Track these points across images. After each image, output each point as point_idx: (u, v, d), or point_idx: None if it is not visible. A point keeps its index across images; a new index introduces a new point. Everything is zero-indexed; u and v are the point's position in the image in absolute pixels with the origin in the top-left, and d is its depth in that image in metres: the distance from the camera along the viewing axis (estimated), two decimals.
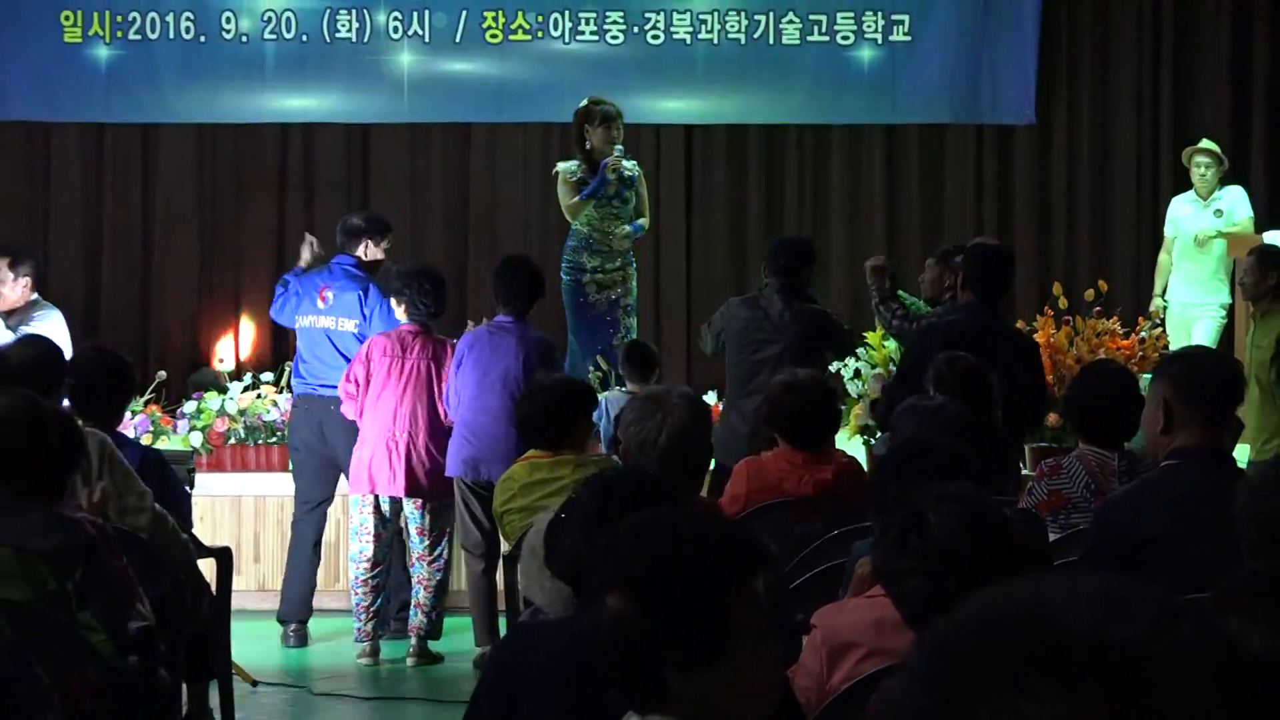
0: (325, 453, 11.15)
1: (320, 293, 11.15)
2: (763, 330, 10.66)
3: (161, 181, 16.38)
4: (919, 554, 4.58)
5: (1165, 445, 6.53)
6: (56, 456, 6.97)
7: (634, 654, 3.63)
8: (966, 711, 1.43)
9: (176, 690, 8.25)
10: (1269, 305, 11.20)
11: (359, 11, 15.81)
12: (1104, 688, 1.41)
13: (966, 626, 1.48)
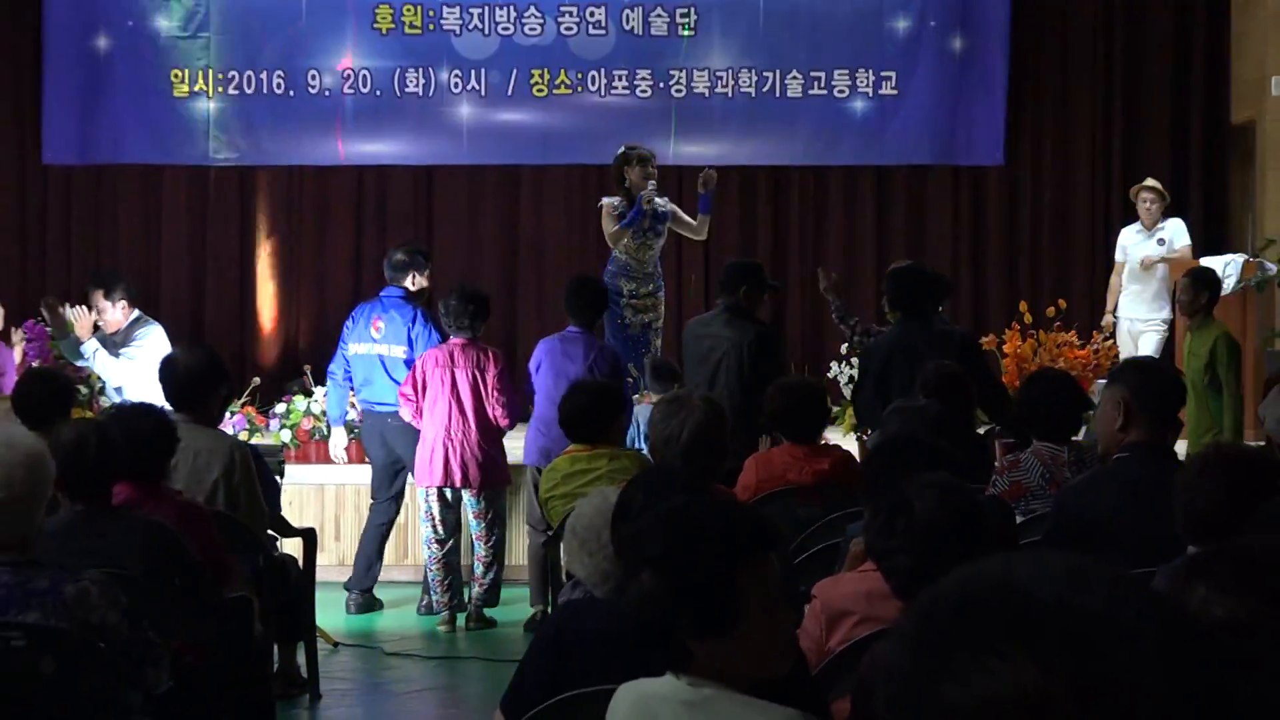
0: (389, 457, 11.16)
1: (374, 323, 11.14)
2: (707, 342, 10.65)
3: (256, 215, 16.38)
4: (905, 534, 4.58)
5: (1119, 440, 6.53)
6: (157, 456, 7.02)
7: (657, 624, 3.66)
8: (947, 669, 1.42)
9: (269, 650, 8.26)
10: (1202, 320, 11.25)
11: (425, 70, 15.86)
12: (1066, 649, 1.40)
13: (947, 597, 1.48)
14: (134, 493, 6.85)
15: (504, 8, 15.85)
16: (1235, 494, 4.69)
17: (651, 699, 3.73)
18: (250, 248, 16.38)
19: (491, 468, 10.71)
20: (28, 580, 5.10)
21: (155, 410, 7.53)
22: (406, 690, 9.65)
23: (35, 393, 8.32)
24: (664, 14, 15.88)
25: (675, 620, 3.64)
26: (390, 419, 11.02)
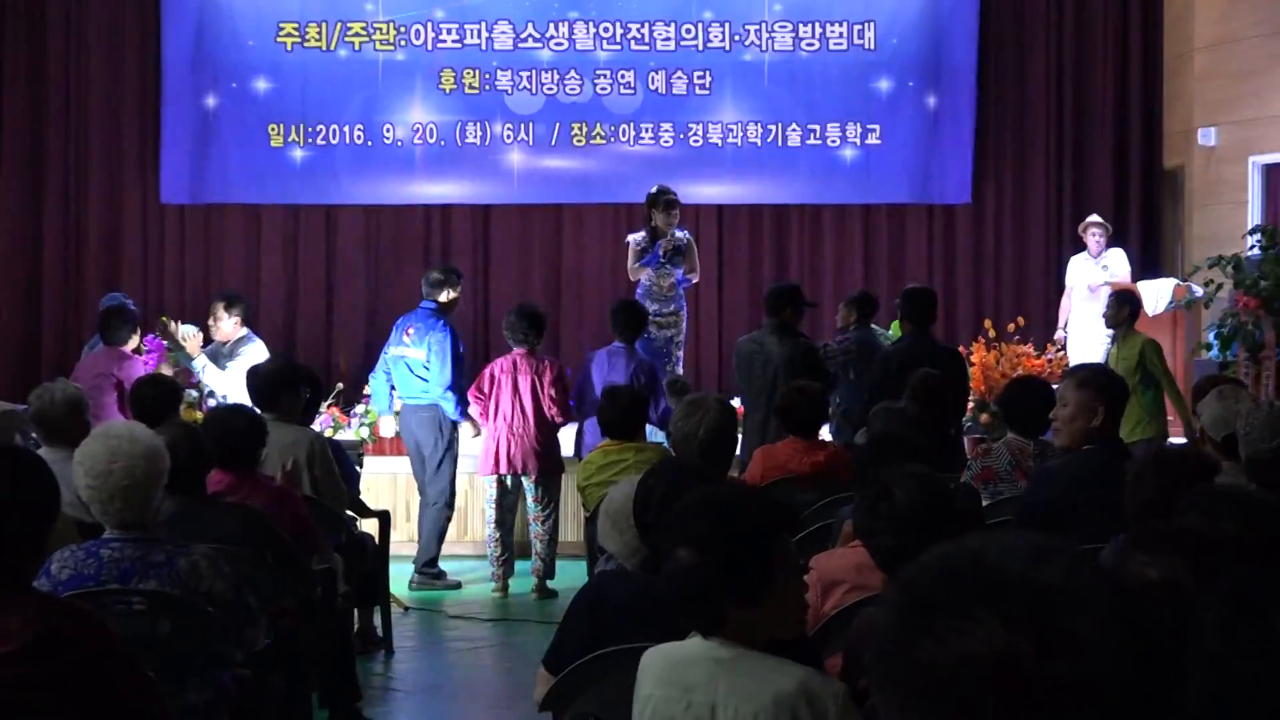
0: (419, 448, 11.12)
1: (407, 330, 11.14)
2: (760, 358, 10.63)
3: (339, 247, 16.40)
4: (887, 517, 4.59)
5: (1084, 435, 6.53)
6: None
7: (702, 593, 3.66)
8: (927, 630, 1.43)
9: (350, 613, 8.27)
10: (1126, 331, 11.35)
11: (482, 123, 15.88)
12: (1029, 614, 1.40)
13: (926, 570, 1.48)
14: (231, 480, 6.88)
15: (548, 71, 15.88)
16: (1173, 485, 4.69)
17: (680, 661, 3.72)
18: (334, 274, 16.41)
19: (547, 458, 10.78)
20: (147, 554, 5.11)
21: (246, 410, 7.57)
22: (467, 647, 9.65)
23: (147, 395, 8.36)
24: (684, 76, 15.88)
25: (718, 591, 3.65)
26: (418, 411, 11.06)
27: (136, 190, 16.23)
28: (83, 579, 5.04)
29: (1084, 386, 6.59)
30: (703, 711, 3.63)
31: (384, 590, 9.35)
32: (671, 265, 12.59)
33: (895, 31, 15.92)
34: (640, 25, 15.89)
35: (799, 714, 3.58)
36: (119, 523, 5.14)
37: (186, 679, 5.08)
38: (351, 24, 15.86)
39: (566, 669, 4.45)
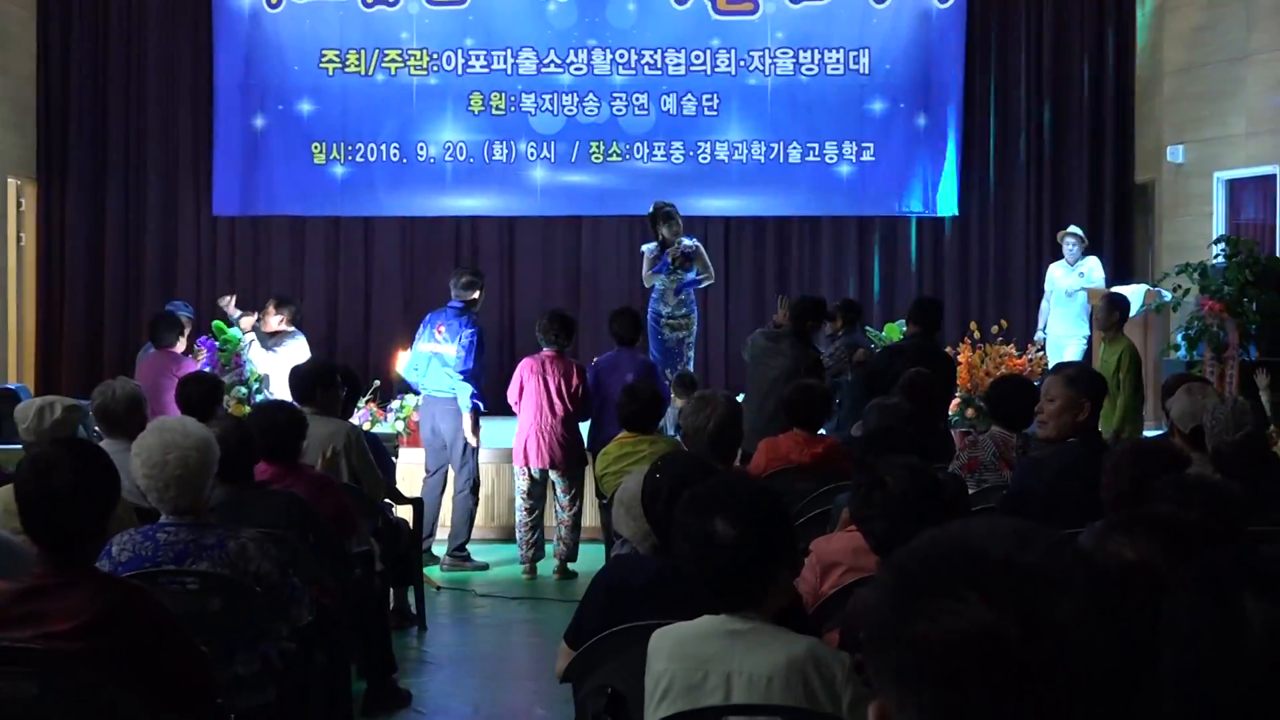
0: (437, 434, 11.08)
1: (438, 328, 11.10)
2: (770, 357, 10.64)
3: (377, 256, 16.43)
4: (881, 504, 4.58)
5: (1070, 429, 6.54)
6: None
7: (748, 567, 3.68)
8: (918, 610, 1.42)
9: (386, 591, 8.27)
10: (1114, 334, 11.24)
11: (507, 143, 15.90)
12: (1012, 595, 1.40)
13: (917, 553, 1.47)
14: (276, 470, 6.90)
15: (569, 94, 15.89)
16: (1146, 474, 4.69)
17: (695, 637, 3.73)
18: (372, 281, 16.44)
19: (572, 452, 10.76)
20: (200, 537, 5.11)
21: (288, 405, 7.59)
22: (495, 623, 9.64)
23: (192, 392, 8.39)
24: (693, 98, 15.87)
25: (761, 564, 3.69)
26: (443, 405, 11.01)
27: (190, 203, 16.28)
28: (141, 560, 5.05)
29: (1071, 384, 6.62)
30: (719, 680, 3.65)
31: (417, 571, 9.37)
32: (682, 270, 12.61)
33: (887, 57, 15.90)
34: (653, 52, 15.89)
35: (809, 675, 3.63)
36: (173, 508, 5.15)
37: (235, 652, 5.08)
38: (388, 51, 15.88)
39: (585, 644, 4.45)
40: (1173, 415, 7.28)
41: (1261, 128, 14.03)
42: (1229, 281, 13.20)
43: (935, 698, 1.41)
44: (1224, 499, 4.00)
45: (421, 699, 7.66)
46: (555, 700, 6.56)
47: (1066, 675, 1.38)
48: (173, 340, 11.44)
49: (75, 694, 3.97)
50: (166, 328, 11.58)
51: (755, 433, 9.01)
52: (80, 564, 4.18)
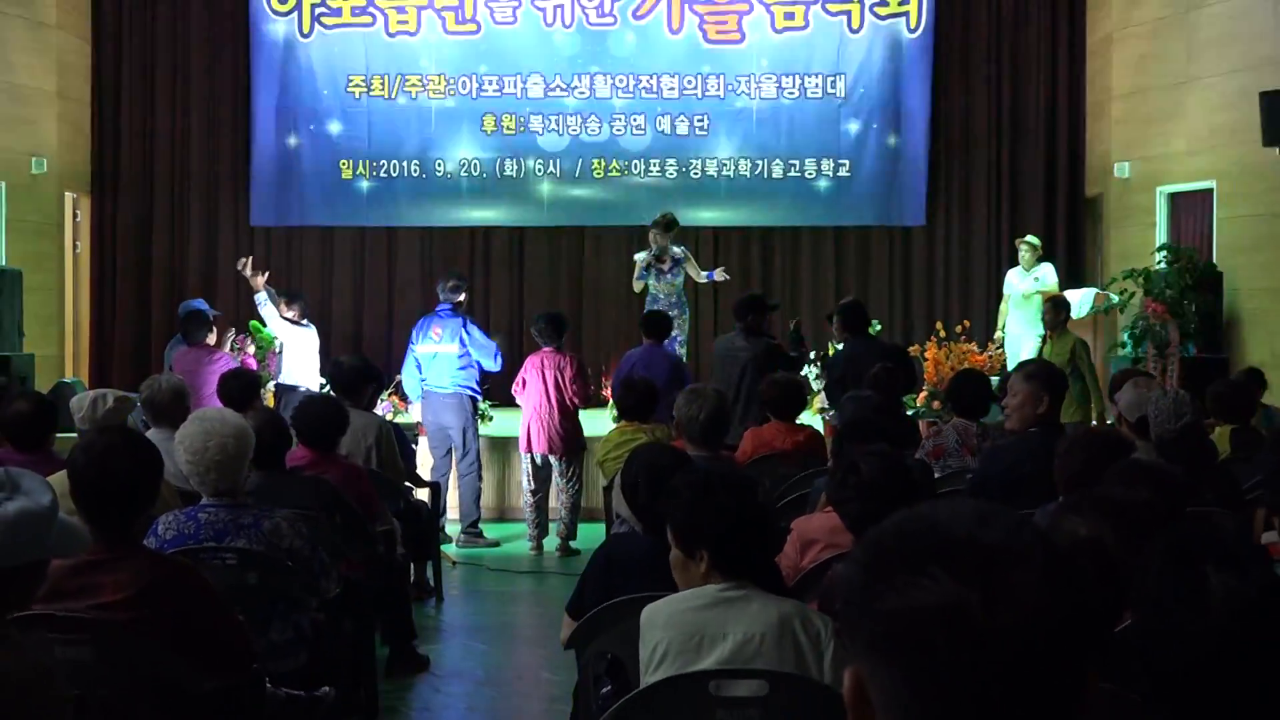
0: (442, 429, 11.10)
1: (434, 330, 11.13)
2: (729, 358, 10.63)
3: (399, 262, 16.43)
4: (855, 488, 4.58)
5: (1031, 420, 6.53)
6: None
7: (763, 538, 3.82)
8: (889, 583, 1.41)
9: (408, 566, 8.27)
10: (1059, 332, 11.33)
11: (517, 159, 15.90)
12: (975, 570, 1.39)
13: (888, 532, 1.46)
14: (313, 456, 6.91)
15: (573, 115, 15.89)
16: (1096, 459, 4.70)
17: (688, 608, 3.73)
18: (394, 285, 16.44)
19: (570, 439, 10.78)
20: (237, 517, 5.12)
21: (336, 402, 7.60)
22: (505, 595, 9.64)
23: (232, 386, 8.45)
24: (686, 119, 15.86)
25: (772, 536, 3.84)
26: (444, 399, 11.05)
27: (230, 214, 16.30)
28: (184, 538, 5.06)
29: (1031, 379, 6.63)
30: (714, 642, 3.66)
31: (435, 548, 9.38)
32: (673, 275, 12.64)
33: (862, 82, 15.89)
34: (650, 77, 15.88)
35: (796, 631, 3.67)
36: (213, 491, 5.16)
37: (270, 621, 5.08)
38: (409, 76, 15.87)
39: (586, 614, 4.45)
40: (1120, 406, 7.29)
41: (1200, 146, 14.03)
42: (1170, 286, 13.22)
43: (905, 665, 1.40)
44: (1168, 482, 4.04)
45: (439, 663, 7.67)
46: (560, 665, 6.56)
47: (1025, 643, 1.38)
48: (203, 336, 11.52)
49: (125, 659, 3.98)
50: (197, 325, 11.62)
51: None
52: (129, 542, 4.18)
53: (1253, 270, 13.25)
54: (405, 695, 7.04)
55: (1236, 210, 13.57)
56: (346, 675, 6.00)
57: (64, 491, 4.10)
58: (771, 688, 3.48)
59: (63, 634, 3.94)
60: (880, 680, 1.44)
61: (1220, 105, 13.65)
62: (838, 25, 15.90)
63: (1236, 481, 5.80)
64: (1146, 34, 14.82)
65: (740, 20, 15.89)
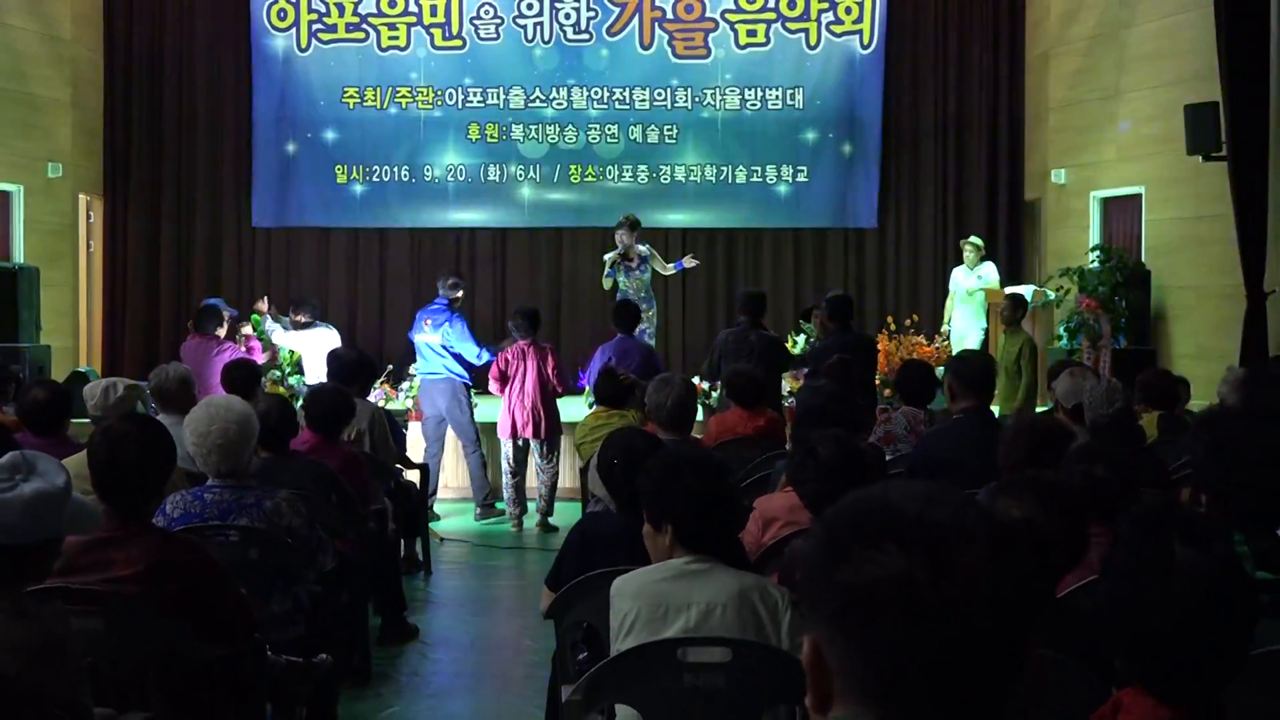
0: (436, 413, 11.12)
1: (425, 322, 11.23)
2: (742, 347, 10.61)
3: (390, 260, 16.36)
4: (813, 469, 4.59)
5: (955, 407, 6.60)
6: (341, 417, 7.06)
7: (728, 519, 3.85)
8: (844, 558, 1.42)
9: (398, 542, 8.26)
10: (1014, 328, 11.33)
11: (500, 165, 15.87)
12: (924, 546, 1.40)
13: (844, 510, 1.47)
14: (317, 440, 6.91)
15: (551, 125, 15.87)
16: (1039, 445, 4.73)
17: (655, 580, 3.73)
18: (386, 282, 16.37)
19: (550, 424, 10.77)
20: (241, 497, 5.11)
21: (347, 393, 7.58)
22: (489, 569, 9.63)
23: (236, 376, 8.42)
24: (656, 129, 15.86)
25: (734, 514, 3.88)
26: (435, 383, 11.12)
27: (233, 216, 16.24)
28: (190, 516, 5.04)
29: (947, 368, 6.74)
30: (679, 611, 3.66)
31: (424, 525, 9.37)
32: (641, 272, 12.64)
33: (819, 95, 15.90)
34: (623, 90, 15.87)
35: (755, 603, 3.68)
36: (217, 472, 5.14)
37: (271, 594, 5.07)
38: (400, 88, 15.83)
39: (564, 587, 4.45)
40: (1057, 394, 7.32)
41: (1130, 154, 14.09)
42: (1103, 283, 13.27)
43: (859, 633, 1.41)
44: (1121, 460, 4.14)
45: (428, 632, 7.66)
46: (540, 633, 6.57)
47: (970, 614, 1.38)
48: (213, 329, 11.59)
49: (135, 629, 3.96)
50: (208, 318, 11.76)
51: None
52: (140, 520, 4.17)
53: (1178, 269, 13.31)
54: (396, 661, 7.03)
55: (1163, 214, 13.62)
56: (342, 643, 6.00)
57: (81, 473, 4.09)
58: (735, 654, 3.49)
59: (77, 606, 3.92)
60: (837, 647, 1.44)
61: (1148, 117, 13.71)
62: (796, 42, 15.90)
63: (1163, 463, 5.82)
64: (1081, 51, 14.87)
65: (706, 37, 15.88)
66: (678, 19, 15.87)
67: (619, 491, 4.71)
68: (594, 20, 15.89)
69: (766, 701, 3.47)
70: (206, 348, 11.37)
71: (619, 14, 15.90)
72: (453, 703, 6.44)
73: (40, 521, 3.27)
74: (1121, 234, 14.40)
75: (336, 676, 5.64)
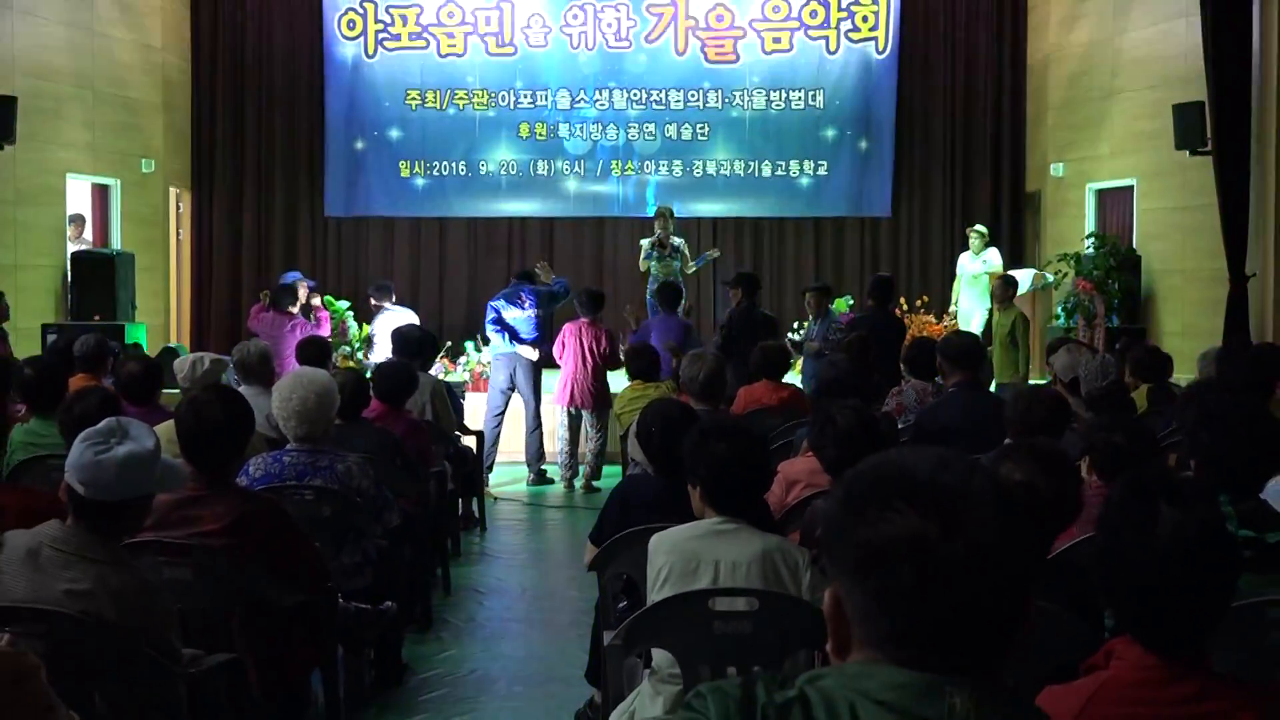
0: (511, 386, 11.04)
1: (521, 299, 11.01)
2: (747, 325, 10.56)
3: (449, 247, 16.38)
4: (832, 436, 4.57)
5: (949, 382, 6.61)
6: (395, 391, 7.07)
7: (752, 484, 3.80)
8: (861, 517, 1.41)
9: (457, 500, 8.28)
10: (1006, 305, 11.30)
11: (548, 161, 15.85)
12: (935, 506, 1.39)
13: (861, 474, 1.46)
14: (384, 410, 6.92)
15: (595, 124, 15.83)
16: (1049, 415, 4.73)
17: (690, 536, 3.73)
18: (445, 266, 16.40)
19: (600, 396, 10.73)
20: (316, 460, 5.13)
21: (410, 366, 7.60)
22: (538, 525, 9.65)
23: (311, 352, 8.44)
24: (689, 127, 15.80)
25: (762, 480, 3.84)
26: (520, 360, 10.93)
27: (306, 206, 16.28)
28: (270, 477, 5.07)
29: (943, 353, 6.81)
30: (708, 567, 3.65)
31: (480, 486, 9.38)
32: (671, 258, 12.58)
33: (838, 95, 15.81)
34: (659, 91, 15.83)
35: (777, 563, 3.65)
36: (295, 436, 5.17)
37: (342, 547, 5.09)
38: (458, 91, 15.83)
39: (606, 542, 4.45)
40: (1055, 369, 7.28)
41: (1123, 149, 13.97)
42: (1097, 267, 13.19)
43: (875, 585, 1.40)
44: (1139, 430, 4.17)
45: (481, 582, 7.68)
46: (584, 584, 6.57)
47: (976, 568, 1.38)
48: (287, 305, 11.69)
49: (220, 578, 3.99)
50: (284, 293, 11.96)
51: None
52: (224, 480, 4.19)
53: (1166, 254, 13.21)
54: (454, 609, 7.06)
55: (1153, 204, 13.51)
56: (405, 592, 6.02)
57: (170, 438, 4.11)
58: (761, 603, 3.48)
59: (167, 558, 3.95)
60: (854, 598, 1.44)
61: (1140, 115, 13.58)
62: (817, 48, 15.81)
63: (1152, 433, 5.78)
64: (1078, 55, 14.74)
65: (736, 44, 15.80)
66: (709, 27, 15.80)
67: (656, 456, 4.70)
68: (633, 29, 15.84)
69: (790, 647, 3.46)
70: (280, 322, 11.51)
71: (656, 23, 15.85)
72: (505, 646, 6.46)
73: (132, 480, 3.29)
74: (1115, 222, 14.29)
75: (400, 622, 5.67)
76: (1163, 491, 2.30)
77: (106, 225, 14.45)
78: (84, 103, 13.87)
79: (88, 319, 12.50)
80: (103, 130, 14.09)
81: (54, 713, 2.50)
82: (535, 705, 5.48)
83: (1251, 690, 2.22)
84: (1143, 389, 7.70)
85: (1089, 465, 4.07)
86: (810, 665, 3.51)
